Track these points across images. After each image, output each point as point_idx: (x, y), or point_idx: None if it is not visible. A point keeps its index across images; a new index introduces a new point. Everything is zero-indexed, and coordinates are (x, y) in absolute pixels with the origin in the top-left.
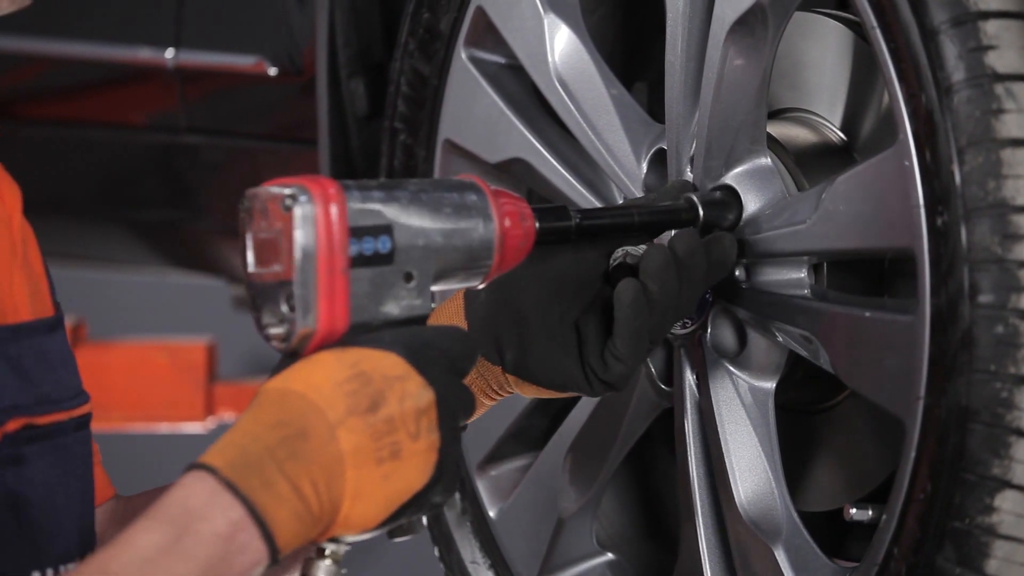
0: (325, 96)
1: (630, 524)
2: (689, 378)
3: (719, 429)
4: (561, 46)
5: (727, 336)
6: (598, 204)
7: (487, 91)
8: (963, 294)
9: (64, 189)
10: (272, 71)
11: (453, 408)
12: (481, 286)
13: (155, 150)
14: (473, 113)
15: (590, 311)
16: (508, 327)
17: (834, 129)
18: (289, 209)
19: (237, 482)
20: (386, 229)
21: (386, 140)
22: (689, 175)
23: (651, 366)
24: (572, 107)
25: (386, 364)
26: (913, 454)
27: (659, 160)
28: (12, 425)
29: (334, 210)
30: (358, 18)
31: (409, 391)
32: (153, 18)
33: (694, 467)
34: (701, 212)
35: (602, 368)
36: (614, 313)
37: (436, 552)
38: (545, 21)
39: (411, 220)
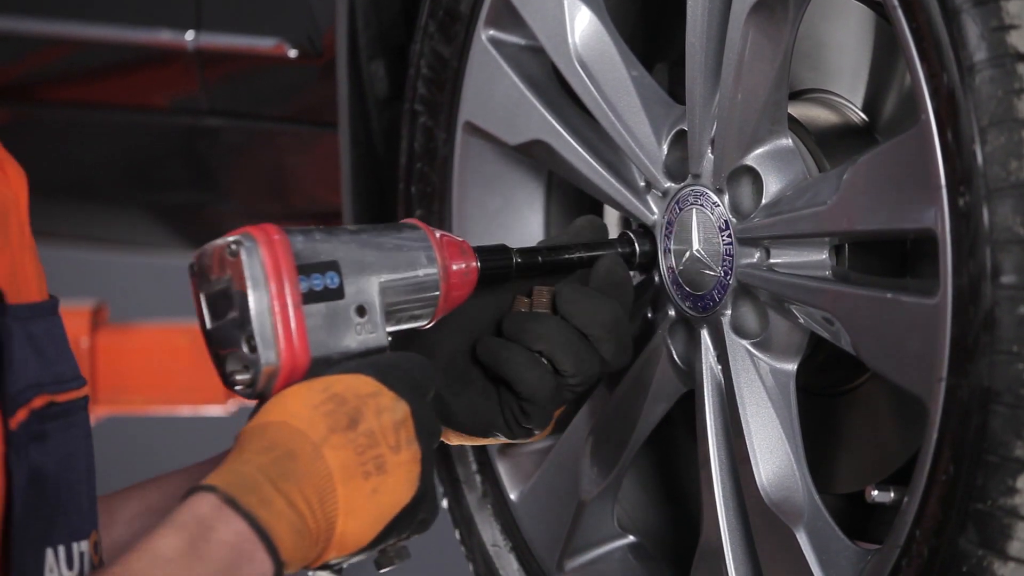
0: (345, 78)
1: (651, 507)
2: (710, 360)
3: (740, 411)
4: (581, 27)
5: (748, 318)
6: (617, 185)
7: (507, 73)
8: (985, 275)
9: (85, 172)
10: (292, 53)
11: (426, 423)
12: (430, 325)
13: (176, 132)
14: (493, 95)
15: None
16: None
17: (856, 110)
18: (235, 254)
19: (237, 497)
20: (332, 265)
21: (406, 122)
22: (710, 156)
23: (672, 348)
24: (592, 88)
25: (357, 384)
26: (935, 436)
27: (679, 141)
28: (38, 402)
29: (279, 247)
30: (378, 0)
31: (384, 405)
32: (173, 0)
33: (715, 450)
34: (637, 246)
35: (521, 415)
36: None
37: (457, 535)
38: (565, 2)
39: (355, 256)
